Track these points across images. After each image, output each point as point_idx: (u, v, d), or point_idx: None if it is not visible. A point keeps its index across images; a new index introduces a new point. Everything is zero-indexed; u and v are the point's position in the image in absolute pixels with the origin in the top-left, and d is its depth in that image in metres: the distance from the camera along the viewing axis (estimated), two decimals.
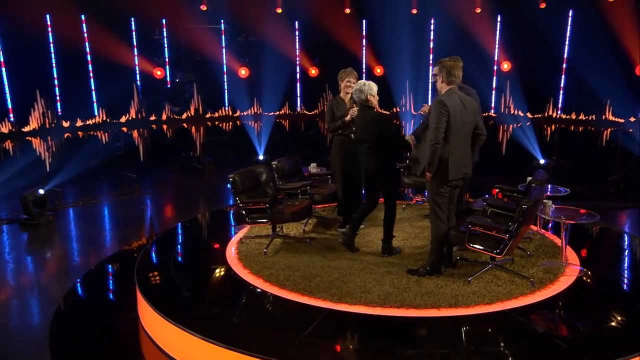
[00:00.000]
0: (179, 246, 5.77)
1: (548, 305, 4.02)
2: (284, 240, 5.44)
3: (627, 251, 5.49)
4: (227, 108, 11.24)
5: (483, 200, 4.93)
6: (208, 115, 11.10)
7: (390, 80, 10.26)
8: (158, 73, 10.92)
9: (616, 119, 8.62)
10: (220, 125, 11.26)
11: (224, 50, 11.34)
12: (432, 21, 10.87)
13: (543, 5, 9.73)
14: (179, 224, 6.51)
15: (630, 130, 8.26)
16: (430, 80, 10.81)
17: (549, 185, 5.66)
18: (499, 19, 10.37)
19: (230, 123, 11.29)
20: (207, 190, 9.23)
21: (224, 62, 11.35)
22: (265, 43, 11.50)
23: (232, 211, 7.17)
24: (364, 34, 11.38)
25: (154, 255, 5.34)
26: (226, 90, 11.39)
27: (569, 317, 3.94)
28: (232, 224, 6.43)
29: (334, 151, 5.64)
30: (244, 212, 5.14)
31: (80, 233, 6.98)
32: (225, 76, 11.39)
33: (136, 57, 10.80)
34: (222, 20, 11.30)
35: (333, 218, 6.14)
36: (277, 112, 11.24)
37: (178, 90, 11.44)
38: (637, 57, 8.87)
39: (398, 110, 10.58)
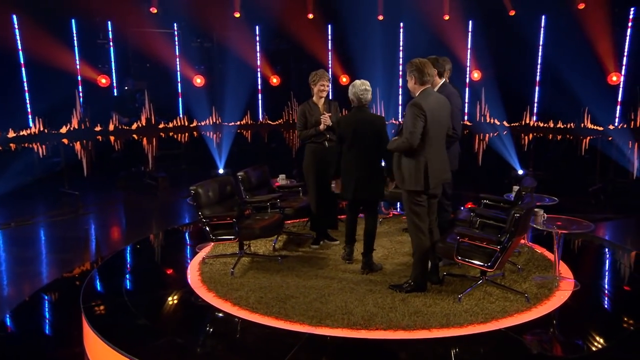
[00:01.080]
0: (131, 270, 5.44)
1: (546, 322, 3.97)
2: (252, 259, 5.24)
3: (617, 263, 5.56)
4: (181, 118, 10.91)
5: (470, 210, 4.86)
6: (161, 126, 10.74)
7: None
8: (102, 81, 10.49)
9: (595, 127, 8.87)
10: (175, 136, 10.92)
11: (177, 56, 11.04)
12: (402, 28, 10.98)
13: (512, 13, 9.99)
14: (130, 245, 6.16)
15: (610, 138, 8.49)
16: (400, 89, 10.91)
17: None
18: (470, 26, 10.58)
19: (187, 134, 10.97)
20: (160, 208, 8.86)
21: (178, 69, 11.06)
22: (222, 49, 11.29)
23: (188, 231, 6.91)
24: (329, 40, 11.36)
25: (102, 281, 5.02)
26: (180, 99, 11.07)
27: (570, 335, 3.87)
28: (190, 242, 6.16)
29: (306, 161, 5.49)
30: (207, 228, 4.89)
31: (12, 258, 6.47)
32: (179, 84, 11.09)
33: (77, 63, 10.34)
34: (175, 24, 11.04)
35: (305, 234, 5.99)
36: (239, 122, 11.01)
37: (127, 99, 11.04)
38: (610, 65, 9.20)
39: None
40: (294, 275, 4.81)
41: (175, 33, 11.08)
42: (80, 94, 10.05)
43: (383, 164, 4.89)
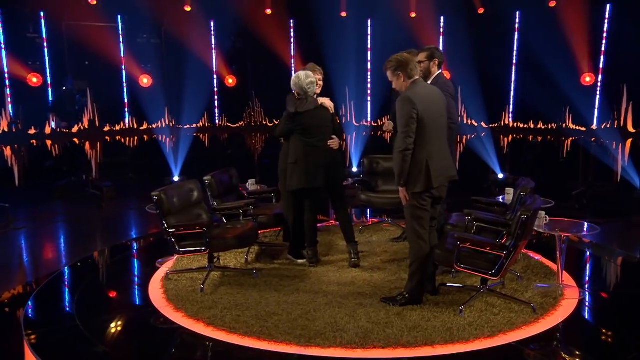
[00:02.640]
0: (80, 291, 4.99)
1: (558, 334, 3.90)
2: (223, 273, 4.99)
3: (615, 267, 5.64)
4: (128, 120, 10.46)
5: (465, 214, 4.77)
6: (107, 129, 10.27)
7: (329, 89, 10.06)
8: (34, 80, 9.96)
9: (578, 127, 9.07)
10: (123, 140, 10.46)
11: (122, 53, 10.62)
12: (369, 25, 10.99)
13: (481, 11, 10.18)
14: (74, 263, 5.77)
15: (594, 139, 8.70)
16: (369, 90, 10.88)
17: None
18: (442, 23, 10.70)
19: (136, 138, 10.53)
20: (106, 221, 8.39)
21: (123, 67, 10.64)
22: (172, 46, 10.96)
23: (141, 245, 6.58)
24: (292, 37, 11.22)
25: (46, 304, 4.63)
26: (126, 100, 10.63)
27: (587, 347, 3.84)
28: (147, 257, 5.81)
29: (282, 164, 5.28)
30: (172, 239, 4.58)
31: None
32: (124, 84, 10.66)
33: (4, 60, 9.77)
34: (119, 18, 10.64)
35: (279, 244, 5.79)
36: (195, 125, 10.68)
37: (65, 100, 10.51)
38: (585, 65, 9.47)
39: (339, 121, 10.48)
40: (273, 290, 4.59)
41: (119, 28, 10.67)
42: (9, 94, 9.49)
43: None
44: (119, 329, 4.13)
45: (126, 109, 10.61)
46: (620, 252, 5.97)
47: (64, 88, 10.58)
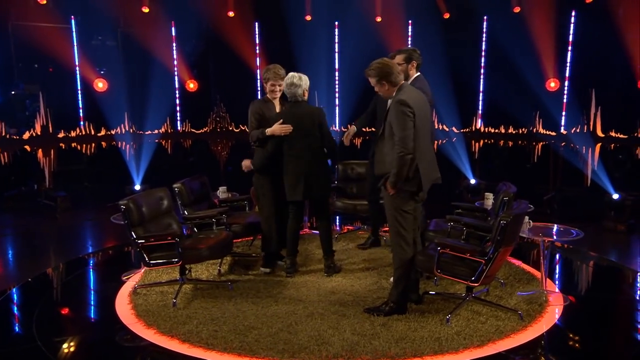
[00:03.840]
0: (39, 309, 4.71)
1: (549, 341, 3.91)
2: (195, 286, 4.83)
3: (592, 270, 5.75)
4: (84, 126, 10.09)
5: (447, 220, 4.76)
6: (61, 135, 9.87)
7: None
8: None
9: (548, 132, 9.26)
10: (79, 147, 10.08)
11: (76, 56, 10.27)
12: (336, 29, 10.99)
13: (447, 16, 10.31)
14: (26, 281, 5.47)
15: (564, 143, 8.90)
16: (337, 96, 10.84)
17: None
18: (410, 28, 10.79)
19: (94, 144, 10.16)
20: (60, 234, 8.02)
21: (77, 71, 10.28)
22: (130, 49, 10.66)
23: (100, 259, 6.31)
24: (257, 41, 11.09)
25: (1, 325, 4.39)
26: (81, 105, 10.26)
27: (579, 353, 3.87)
28: (110, 272, 5.54)
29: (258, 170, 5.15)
30: (142, 251, 4.39)
31: None
32: (78, 89, 10.30)
33: None
34: (72, 18, 10.29)
35: (253, 254, 5.68)
36: (157, 131, 10.39)
37: (15, 105, 10.06)
38: (550, 70, 9.70)
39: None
40: (250, 302, 4.47)
41: (73, 29, 10.32)
42: None
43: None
44: (86, 348, 3.92)
45: (80, 114, 10.24)
46: (597, 256, 6.07)
47: (13, 92, 10.14)
